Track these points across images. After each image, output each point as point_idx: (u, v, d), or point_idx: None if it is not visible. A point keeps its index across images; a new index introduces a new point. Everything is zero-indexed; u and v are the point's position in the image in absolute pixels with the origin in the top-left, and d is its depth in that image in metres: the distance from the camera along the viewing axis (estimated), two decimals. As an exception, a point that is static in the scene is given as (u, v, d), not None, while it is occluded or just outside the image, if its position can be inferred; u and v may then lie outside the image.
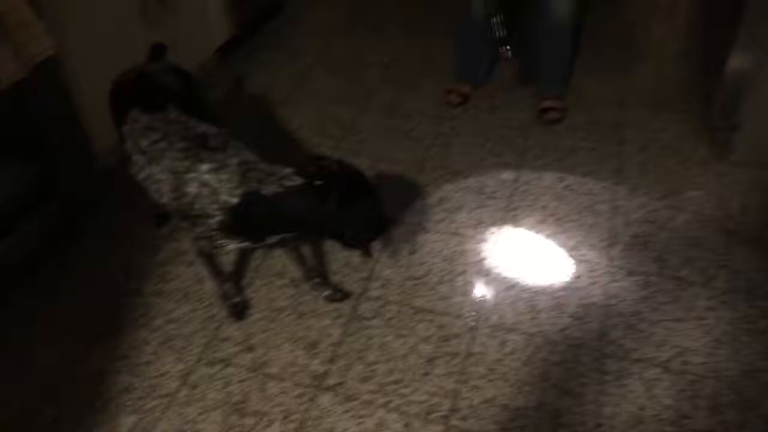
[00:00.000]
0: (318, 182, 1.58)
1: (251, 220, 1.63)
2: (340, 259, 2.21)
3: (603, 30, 3.42)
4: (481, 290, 2.11)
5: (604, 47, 3.31)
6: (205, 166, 1.62)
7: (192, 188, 1.63)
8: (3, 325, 1.99)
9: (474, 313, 2.04)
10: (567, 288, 2.12)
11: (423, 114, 2.91)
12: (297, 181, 1.59)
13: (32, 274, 2.14)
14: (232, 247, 1.75)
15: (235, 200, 1.59)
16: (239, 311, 2.01)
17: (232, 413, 1.77)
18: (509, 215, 2.39)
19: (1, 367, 1.88)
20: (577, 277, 2.15)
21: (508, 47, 2.76)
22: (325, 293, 2.07)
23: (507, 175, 2.57)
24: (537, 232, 2.32)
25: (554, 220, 2.37)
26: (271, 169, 1.63)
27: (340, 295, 2.08)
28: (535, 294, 2.10)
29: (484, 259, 2.22)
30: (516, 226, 2.35)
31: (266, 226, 1.66)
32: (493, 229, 2.33)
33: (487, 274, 2.16)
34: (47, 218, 2.19)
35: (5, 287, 2.07)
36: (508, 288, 2.12)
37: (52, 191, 2.19)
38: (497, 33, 2.59)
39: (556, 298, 2.08)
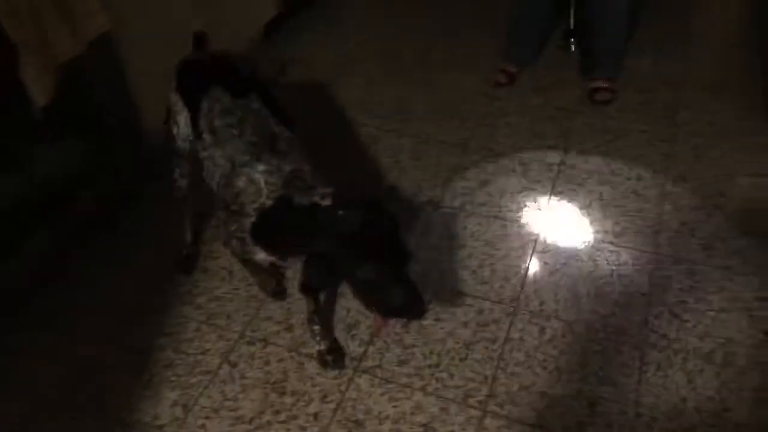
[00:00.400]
0: (341, 211, 1.47)
1: (274, 228, 1.58)
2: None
3: (660, 9, 3.30)
4: (521, 275, 2.09)
5: (661, 26, 3.20)
6: (261, 166, 1.58)
7: (241, 182, 1.59)
8: (56, 296, 2.06)
9: (514, 299, 2.02)
10: (610, 275, 2.08)
11: (468, 94, 2.87)
12: (326, 201, 1.51)
13: (84, 245, 2.20)
14: (261, 257, 1.68)
15: (270, 203, 1.55)
16: (278, 293, 2.04)
17: (271, 392, 1.80)
18: (553, 199, 2.35)
19: (53, 336, 1.95)
20: (622, 264, 2.11)
21: (572, 39, 2.83)
22: (320, 347, 1.87)
23: (552, 158, 2.52)
24: (581, 217, 2.28)
25: (600, 205, 2.32)
26: (314, 182, 1.57)
27: (332, 357, 1.85)
28: (577, 280, 2.07)
29: (526, 243, 2.19)
30: (560, 211, 2.31)
31: (285, 238, 1.59)
32: (537, 213, 2.30)
33: (528, 260, 2.14)
34: (100, 192, 2.26)
35: (60, 258, 2.14)
36: (550, 274, 2.09)
37: (106, 166, 2.26)
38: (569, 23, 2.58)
39: (599, 285, 2.05)
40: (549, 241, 2.20)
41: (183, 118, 1.82)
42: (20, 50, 1.83)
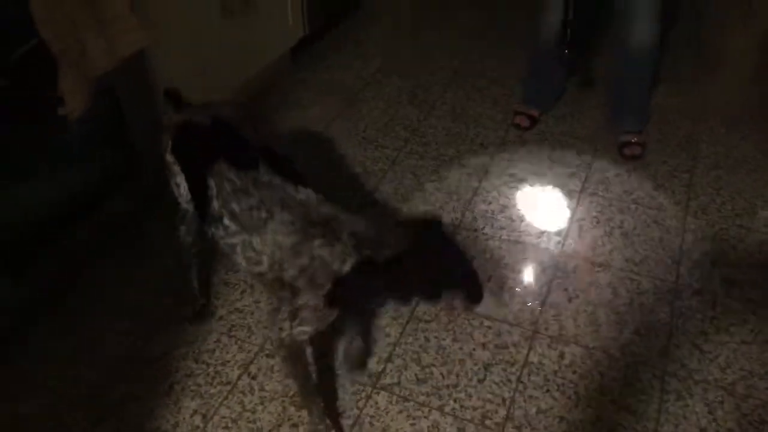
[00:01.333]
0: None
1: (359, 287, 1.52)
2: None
3: (678, 41, 3.33)
4: (541, 300, 2.10)
5: (678, 58, 3.23)
6: (317, 242, 1.47)
7: (304, 260, 1.48)
8: (78, 305, 2.08)
9: (533, 322, 2.02)
10: (631, 303, 2.08)
11: (489, 120, 2.90)
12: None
13: (109, 254, 2.22)
14: (310, 329, 1.59)
15: (347, 268, 1.46)
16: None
17: (289, 405, 1.81)
18: (574, 225, 2.36)
19: (75, 345, 1.97)
20: (642, 293, 2.11)
21: (567, 51, 2.56)
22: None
23: (573, 185, 2.54)
24: (602, 245, 2.29)
25: (620, 234, 2.33)
26: (379, 237, 1.48)
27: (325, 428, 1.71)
28: (597, 307, 2.07)
29: (546, 268, 2.20)
30: (581, 238, 2.32)
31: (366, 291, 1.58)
32: (557, 239, 2.31)
33: (548, 284, 2.15)
34: (126, 203, 2.29)
35: (84, 266, 2.17)
36: (570, 300, 2.10)
37: (132, 178, 2.30)
38: (566, 34, 2.45)
39: (619, 312, 2.05)
40: (569, 267, 2.21)
41: (183, 182, 1.75)
42: (59, 61, 1.87)
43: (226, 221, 1.57)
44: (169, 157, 1.75)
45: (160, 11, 2.20)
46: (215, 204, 1.59)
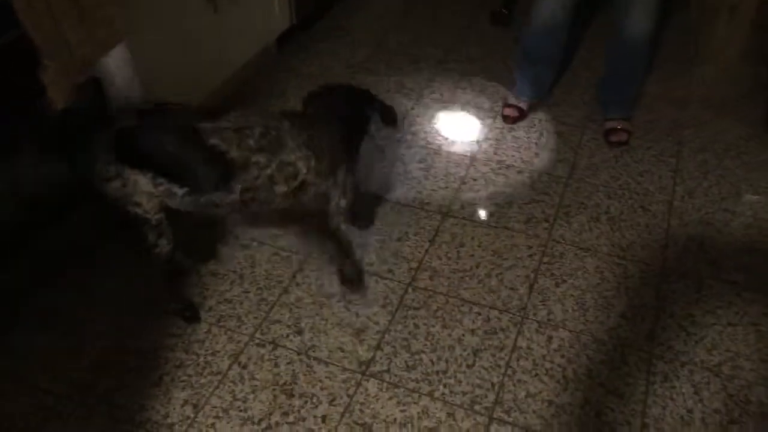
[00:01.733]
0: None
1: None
2: (391, 247, 2.23)
3: (665, 28, 3.34)
4: (529, 285, 2.11)
5: (665, 45, 3.24)
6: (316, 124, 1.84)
7: (323, 141, 1.82)
8: (62, 300, 2.07)
9: (521, 308, 2.04)
10: (618, 287, 2.10)
11: (477, 108, 2.91)
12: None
13: (91, 252, 2.20)
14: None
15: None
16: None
17: (280, 393, 1.82)
18: (561, 211, 2.37)
19: (60, 339, 1.96)
20: (629, 277, 2.13)
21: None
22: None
23: (561, 171, 2.55)
24: (589, 230, 2.30)
25: (607, 218, 2.34)
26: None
27: None
28: (584, 292, 2.09)
29: (533, 254, 2.22)
30: (567, 222, 2.33)
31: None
32: (545, 225, 2.32)
33: (535, 270, 2.16)
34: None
35: (72, 257, 2.15)
36: (557, 285, 2.11)
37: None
38: None
39: (606, 297, 2.07)
40: (556, 252, 2.22)
41: (146, 186, 1.73)
42: (41, 52, 1.86)
43: (255, 158, 1.73)
44: (116, 167, 1.70)
45: (142, 1, 2.18)
46: (235, 154, 1.70)
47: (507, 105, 2.85)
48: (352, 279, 2.10)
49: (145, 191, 1.73)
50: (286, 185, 1.80)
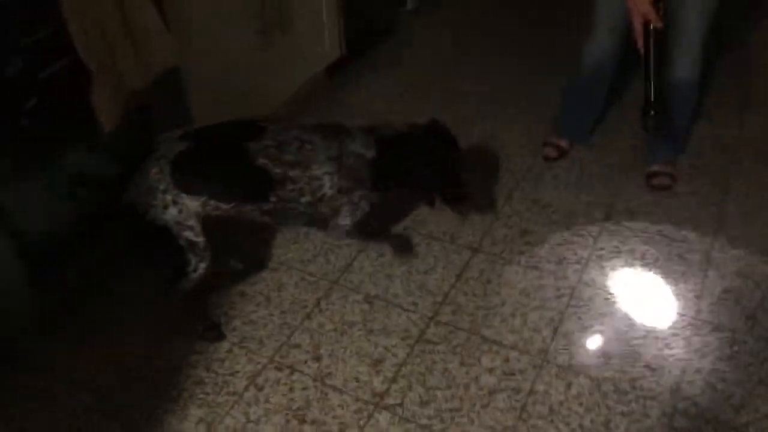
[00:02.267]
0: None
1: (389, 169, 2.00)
2: (417, 279, 2.24)
3: (719, 73, 3.27)
4: (553, 328, 2.08)
5: (718, 90, 3.16)
6: (349, 140, 1.96)
7: (350, 160, 1.94)
8: (96, 311, 2.14)
9: (543, 351, 2.01)
10: (645, 336, 2.04)
11: (517, 146, 2.89)
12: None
13: (122, 264, 2.25)
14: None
15: (372, 152, 1.97)
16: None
17: (292, 418, 1.84)
18: (594, 254, 2.34)
19: (88, 350, 2.03)
20: (659, 326, 2.07)
21: (653, 112, 2.18)
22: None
23: (598, 214, 2.51)
24: (621, 276, 2.26)
25: (641, 265, 2.29)
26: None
27: None
28: (610, 338, 2.04)
29: (561, 296, 2.18)
30: (600, 267, 2.29)
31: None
32: (576, 267, 2.29)
33: (561, 313, 2.13)
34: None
35: (100, 274, 2.22)
36: (583, 329, 2.07)
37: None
38: (648, 94, 2.17)
39: (633, 345, 2.02)
40: (585, 296, 2.18)
41: (193, 209, 1.85)
42: (94, 76, 1.96)
43: (292, 173, 1.89)
44: (172, 195, 1.81)
45: (194, 30, 2.27)
46: (277, 170, 1.87)
47: (546, 144, 2.83)
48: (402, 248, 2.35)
49: (193, 212, 1.85)
50: (311, 196, 1.95)
